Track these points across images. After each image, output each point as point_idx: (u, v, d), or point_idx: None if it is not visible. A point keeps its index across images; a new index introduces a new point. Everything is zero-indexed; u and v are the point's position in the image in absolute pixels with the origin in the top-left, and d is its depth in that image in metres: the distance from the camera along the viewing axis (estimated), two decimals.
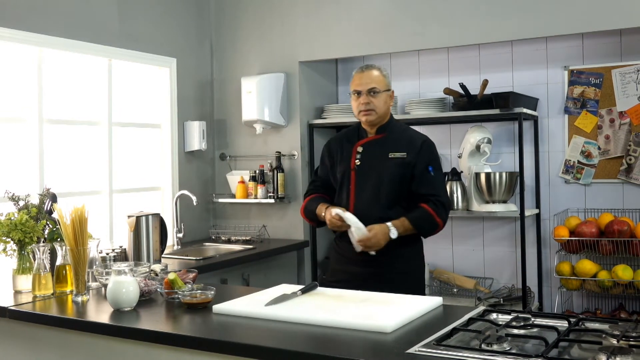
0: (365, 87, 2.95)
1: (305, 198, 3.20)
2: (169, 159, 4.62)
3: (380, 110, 2.97)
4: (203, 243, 4.56)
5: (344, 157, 3.06)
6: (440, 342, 1.79)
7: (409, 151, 2.95)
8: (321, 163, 3.22)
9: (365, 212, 2.90)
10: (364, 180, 2.98)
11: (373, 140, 3.03)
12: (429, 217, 2.90)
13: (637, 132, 4.03)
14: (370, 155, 3.01)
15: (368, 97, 2.95)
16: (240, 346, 1.90)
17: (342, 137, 3.16)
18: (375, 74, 2.99)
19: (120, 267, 2.40)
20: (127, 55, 4.28)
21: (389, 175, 2.93)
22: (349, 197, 3.00)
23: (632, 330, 1.83)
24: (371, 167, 2.98)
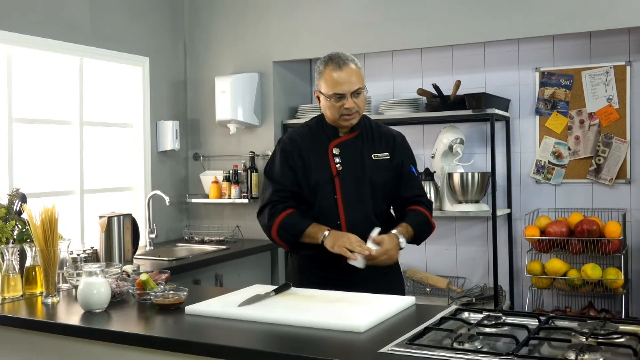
0: (349, 89, 2.54)
1: (277, 214, 2.61)
2: (142, 158, 4.58)
3: (363, 110, 2.64)
4: (176, 243, 4.54)
5: (319, 160, 2.64)
6: (412, 341, 1.80)
7: (391, 151, 2.68)
8: (285, 166, 2.66)
9: (360, 224, 2.57)
10: (351, 188, 2.61)
11: (349, 140, 2.66)
12: (426, 220, 2.68)
13: (606, 133, 4.10)
14: (350, 158, 2.64)
15: (353, 100, 2.56)
16: (212, 347, 1.89)
17: (307, 135, 2.71)
18: (356, 69, 2.58)
19: (91, 268, 2.37)
20: (99, 54, 4.23)
21: (379, 180, 2.63)
22: (337, 207, 2.59)
23: (600, 328, 1.86)
24: (356, 172, 2.62)
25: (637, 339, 1.78)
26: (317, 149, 2.66)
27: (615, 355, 1.70)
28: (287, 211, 2.62)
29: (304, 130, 2.74)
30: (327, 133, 2.68)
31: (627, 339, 1.81)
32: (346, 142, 2.67)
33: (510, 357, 1.65)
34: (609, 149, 4.09)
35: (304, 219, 2.60)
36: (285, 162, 2.66)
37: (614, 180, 4.08)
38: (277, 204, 2.64)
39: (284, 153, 2.68)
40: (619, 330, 1.86)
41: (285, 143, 2.71)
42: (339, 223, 2.59)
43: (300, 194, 2.65)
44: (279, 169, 2.67)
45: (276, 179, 2.67)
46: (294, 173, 2.64)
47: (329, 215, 2.60)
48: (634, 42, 4.02)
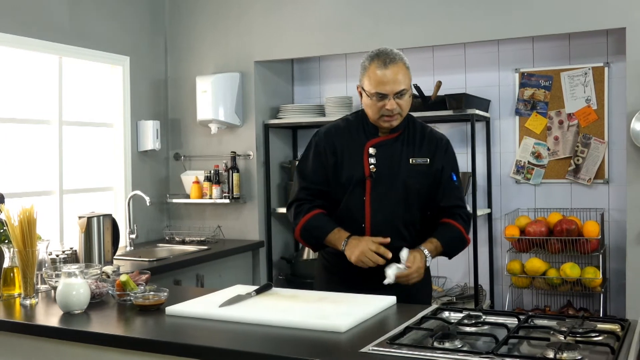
0: (392, 89, 2.42)
1: (302, 215, 2.54)
2: (122, 158, 4.55)
3: (406, 113, 2.50)
4: (157, 244, 4.51)
5: (353, 158, 2.52)
6: (393, 340, 1.81)
7: (432, 156, 2.52)
8: (316, 161, 2.57)
9: (385, 230, 2.46)
10: (383, 191, 2.48)
11: (388, 141, 2.53)
12: (459, 236, 2.53)
13: (585, 134, 4.14)
14: (387, 160, 2.50)
15: (396, 101, 2.43)
16: (193, 348, 1.89)
17: (343, 131, 2.58)
18: (403, 68, 2.44)
19: (71, 269, 2.35)
20: (78, 53, 4.19)
21: (414, 185, 2.49)
22: (363, 211, 2.49)
23: (579, 326, 1.88)
24: (390, 175, 2.49)
25: (615, 338, 1.80)
26: (353, 146, 2.53)
27: (593, 354, 1.72)
28: (312, 212, 2.53)
29: (341, 125, 2.61)
30: (366, 131, 2.55)
31: (605, 337, 1.83)
32: (385, 142, 2.53)
33: (490, 355, 1.66)
34: (587, 149, 4.13)
35: (327, 223, 2.51)
36: (316, 158, 2.57)
37: (593, 180, 4.13)
38: (304, 202, 2.56)
39: (316, 148, 2.58)
40: (596, 328, 1.89)
41: (319, 137, 2.60)
42: (364, 226, 2.49)
43: (329, 193, 2.55)
44: (310, 165, 2.58)
45: (306, 175, 2.59)
46: (325, 170, 2.55)
47: (354, 216, 2.50)
48: (612, 43, 4.07)
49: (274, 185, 4.79)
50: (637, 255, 3.66)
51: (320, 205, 2.57)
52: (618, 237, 4.07)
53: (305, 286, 4.27)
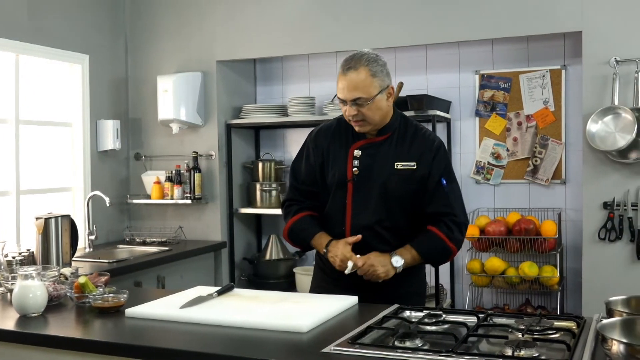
0: (347, 96, 2.39)
1: (291, 216, 2.59)
2: (81, 158, 4.47)
3: (373, 119, 2.43)
4: (117, 245, 4.45)
5: (337, 160, 2.51)
6: (354, 340, 1.82)
7: (419, 160, 2.46)
8: (305, 160, 2.59)
9: (365, 234, 2.45)
10: (363, 195, 2.46)
11: (374, 144, 2.49)
12: (439, 243, 2.45)
13: (543, 135, 4.22)
14: (371, 163, 2.47)
15: (354, 108, 2.40)
16: (153, 350, 1.87)
17: (332, 132, 2.57)
18: (361, 76, 2.37)
19: (27, 271, 2.30)
20: (36, 50, 4.11)
21: (396, 191, 2.44)
22: (344, 215, 2.48)
23: (537, 324, 1.92)
24: (372, 179, 2.46)
25: (571, 335, 1.84)
26: (339, 148, 2.52)
27: (550, 351, 1.75)
28: (298, 215, 2.56)
29: (332, 125, 2.59)
30: (354, 132, 2.51)
31: (562, 334, 1.87)
32: (371, 144, 2.50)
33: (450, 354, 1.69)
34: (545, 150, 4.21)
35: (312, 227, 2.53)
36: (306, 158, 2.59)
37: (550, 180, 4.21)
38: (293, 203, 2.60)
39: (307, 148, 2.60)
40: (553, 326, 1.93)
41: (311, 137, 2.61)
42: (344, 229, 2.48)
43: (318, 193, 2.56)
44: (301, 164, 2.61)
45: (297, 174, 2.62)
46: (314, 171, 2.56)
47: (336, 219, 2.51)
48: (569, 46, 4.15)
49: (236, 186, 4.77)
50: (593, 254, 3.75)
51: (310, 207, 2.58)
52: (574, 236, 4.16)
53: (268, 287, 4.28)
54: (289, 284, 4.52)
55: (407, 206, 2.47)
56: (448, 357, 1.67)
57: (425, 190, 2.46)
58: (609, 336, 1.57)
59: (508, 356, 1.67)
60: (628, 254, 3.68)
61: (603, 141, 3.63)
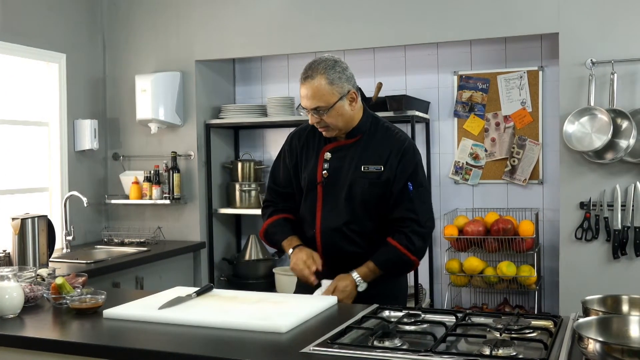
0: (308, 105, 2.42)
1: (266, 218, 2.64)
2: (58, 158, 4.43)
3: (337, 125, 2.43)
4: (94, 246, 4.41)
5: (309, 162, 2.53)
6: (334, 340, 1.82)
7: (386, 163, 2.44)
8: (282, 162, 2.63)
9: (334, 237, 2.47)
10: (332, 198, 2.47)
11: (343, 146, 2.50)
12: (398, 256, 2.42)
13: (520, 136, 4.26)
14: (339, 166, 2.47)
15: (316, 116, 2.42)
16: (131, 351, 1.86)
17: (307, 134, 2.58)
18: (317, 84, 2.39)
19: (3, 272, 2.28)
20: (11, 49, 4.06)
21: (360, 195, 2.44)
22: (314, 218, 2.50)
23: (514, 323, 1.94)
24: (340, 182, 2.46)
25: (548, 334, 1.86)
26: (312, 150, 2.54)
27: (527, 349, 1.77)
28: (273, 217, 2.61)
29: (306, 130, 2.60)
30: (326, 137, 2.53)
31: (539, 333, 1.89)
32: (341, 147, 2.50)
33: (428, 353, 1.69)
34: (522, 150, 4.25)
35: (284, 230, 2.57)
36: (282, 160, 2.63)
37: (528, 180, 4.25)
38: (269, 205, 2.65)
39: (283, 150, 2.63)
40: (531, 325, 1.94)
41: (287, 139, 2.64)
42: (314, 232, 2.51)
43: (294, 193, 2.59)
44: (279, 166, 2.65)
45: (274, 176, 2.66)
46: (289, 172, 2.59)
47: (308, 221, 2.54)
48: (546, 48, 4.20)
49: (216, 186, 4.75)
50: (570, 253, 3.79)
51: (286, 209, 2.62)
52: (552, 236, 4.20)
53: (247, 287, 4.27)
54: (268, 284, 4.52)
55: (372, 209, 2.46)
56: (427, 356, 1.68)
57: (391, 194, 2.44)
58: (585, 335, 1.59)
59: (486, 355, 1.69)
60: (604, 254, 3.73)
61: (579, 142, 3.68)
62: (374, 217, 2.48)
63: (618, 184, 3.69)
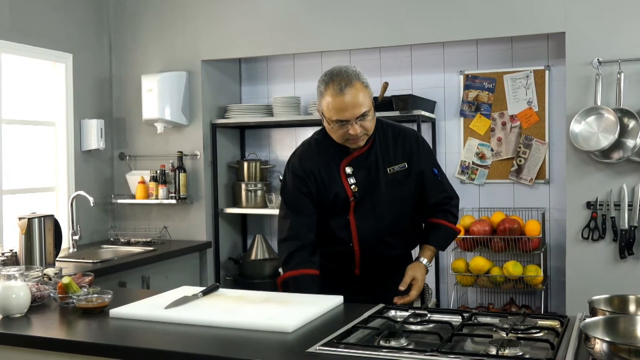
0: (353, 114, 2.29)
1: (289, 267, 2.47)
2: (65, 158, 4.44)
3: (372, 130, 2.40)
4: (101, 245, 4.42)
5: (332, 182, 2.46)
6: (340, 340, 1.82)
7: (408, 159, 2.47)
8: (300, 195, 2.49)
9: (374, 246, 2.48)
10: (367, 208, 2.46)
11: (361, 156, 2.45)
12: (449, 232, 2.58)
13: (527, 135, 4.25)
14: (365, 176, 2.44)
15: (358, 125, 2.32)
16: (138, 350, 1.86)
17: (317, 154, 2.50)
18: (361, 88, 2.31)
19: (10, 272, 2.28)
20: (19, 49, 4.07)
21: (399, 195, 2.46)
22: (349, 230, 2.46)
23: (521, 323, 1.93)
24: (371, 191, 2.44)
25: (555, 334, 1.86)
26: (329, 169, 2.46)
27: (534, 349, 1.77)
28: (298, 270, 2.44)
29: (312, 147, 2.52)
30: (337, 150, 2.46)
31: (545, 333, 1.88)
32: (359, 158, 2.45)
33: (434, 353, 1.69)
34: (529, 150, 4.24)
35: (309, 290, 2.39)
36: (299, 190, 2.49)
37: (534, 180, 4.24)
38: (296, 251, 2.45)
39: (296, 180, 2.50)
40: (537, 325, 1.94)
41: (295, 168, 2.51)
42: (351, 245, 2.47)
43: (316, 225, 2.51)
44: (295, 198, 2.50)
45: (293, 208, 2.51)
46: (311, 200, 2.49)
47: (340, 237, 2.48)
48: (553, 47, 4.18)
49: (222, 186, 4.76)
50: (577, 253, 3.78)
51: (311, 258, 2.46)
52: (558, 236, 4.19)
53: (253, 287, 4.27)
54: (274, 284, 4.47)
55: (409, 206, 2.52)
56: (433, 356, 1.68)
57: (421, 185, 2.51)
58: (592, 335, 1.58)
59: (492, 355, 1.68)
60: (611, 253, 3.72)
61: (586, 141, 3.66)
62: (410, 214, 2.54)
63: (625, 183, 3.68)
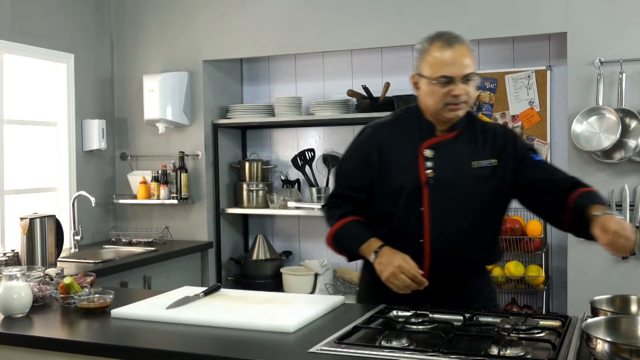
0: (460, 72, 2.08)
1: (334, 220, 2.27)
2: (66, 158, 4.44)
3: (472, 102, 2.19)
4: (102, 245, 4.42)
5: (404, 162, 2.19)
6: (341, 340, 1.82)
7: (500, 156, 2.20)
8: (358, 167, 2.26)
9: (449, 246, 2.18)
10: (444, 200, 2.16)
11: (447, 141, 2.20)
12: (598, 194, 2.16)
13: (528, 135, 4.24)
14: (446, 164, 2.17)
15: (463, 87, 2.10)
16: (139, 351, 1.86)
17: (394, 129, 2.26)
18: (468, 51, 2.12)
19: (12, 272, 2.29)
20: (20, 49, 4.08)
21: (483, 193, 2.18)
22: (421, 224, 2.17)
23: (522, 323, 1.93)
24: (452, 182, 2.17)
25: (556, 334, 1.85)
26: (405, 148, 2.20)
27: (535, 350, 1.77)
28: (345, 219, 2.24)
29: (391, 125, 2.27)
30: (421, 129, 2.21)
31: (547, 333, 1.88)
32: (444, 142, 2.19)
33: (436, 353, 1.69)
34: None
35: (361, 232, 2.21)
36: (358, 162, 2.26)
37: None
38: (335, 207, 2.29)
39: (360, 148, 2.26)
40: (539, 325, 1.94)
41: (364, 136, 2.27)
42: (422, 242, 2.18)
43: (367, 201, 2.24)
44: (351, 168, 2.29)
45: (343, 178, 2.32)
46: (367, 176, 2.23)
47: (409, 231, 2.19)
48: (554, 47, 4.18)
49: (223, 186, 4.76)
50: (578, 253, 3.77)
51: (353, 212, 2.26)
52: (560, 236, 4.18)
53: (254, 287, 4.27)
54: (275, 284, 4.52)
55: (491, 211, 2.24)
56: (434, 356, 1.68)
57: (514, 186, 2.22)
58: (593, 335, 1.58)
59: (494, 355, 1.68)
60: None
61: (588, 141, 3.66)
62: (492, 222, 2.28)
63: (626, 183, 3.67)
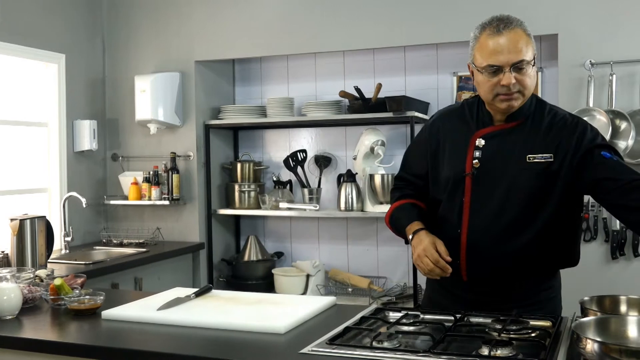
0: (508, 60, 1.97)
1: (393, 201, 2.31)
2: (57, 159, 4.42)
3: (529, 92, 2.04)
4: (93, 247, 4.41)
5: (456, 149, 2.13)
6: (332, 341, 1.82)
7: (557, 151, 2.03)
8: (417, 152, 2.26)
9: (486, 240, 2.08)
10: (486, 193, 2.07)
11: (502, 131, 2.09)
12: None
13: None
14: (495, 154, 2.07)
15: (513, 75, 1.98)
16: (130, 352, 1.86)
17: (455, 116, 2.19)
18: (522, 35, 2.00)
19: (1, 273, 2.28)
20: (10, 49, 4.06)
21: (526, 189, 2.03)
22: (460, 216, 2.10)
23: (513, 323, 1.93)
24: (496, 173, 2.06)
25: (547, 334, 1.86)
26: (459, 136, 2.13)
27: (526, 350, 1.77)
28: (401, 201, 2.25)
29: (453, 111, 2.23)
30: (479, 118, 2.13)
31: (537, 333, 1.89)
32: (498, 133, 2.09)
33: (427, 354, 1.69)
34: None
35: (409, 215, 2.19)
36: (418, 150, 2.25)
37: None
38: (396, 189, 2.31)
39: (421, 137, 2.24)
40: (529, 325, 1.94)
41: (428, 124, 2.25)
42: (459, 232, 2.10)
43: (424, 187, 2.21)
44: (413, 155, 2.29)
45: (407, 164, 2.32)
46: (424, 166, 2.21)
47: (451, 221, 2.12)
48: (546, 49, 4.19)
49: (215, 187, 4.75)
50: None
51: (413, 195, 2.26)
52: None
53: (246, 288, 4.27)
54: (267, 285, 4.52)
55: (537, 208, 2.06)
56: (425, 357, 1.68)
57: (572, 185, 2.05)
58: (583, 335, 1.59)
59: (484, 356, 1.69)
60: (603, 254, 3.73)
61: None
62: (543, 217, 2.06)
63: None
